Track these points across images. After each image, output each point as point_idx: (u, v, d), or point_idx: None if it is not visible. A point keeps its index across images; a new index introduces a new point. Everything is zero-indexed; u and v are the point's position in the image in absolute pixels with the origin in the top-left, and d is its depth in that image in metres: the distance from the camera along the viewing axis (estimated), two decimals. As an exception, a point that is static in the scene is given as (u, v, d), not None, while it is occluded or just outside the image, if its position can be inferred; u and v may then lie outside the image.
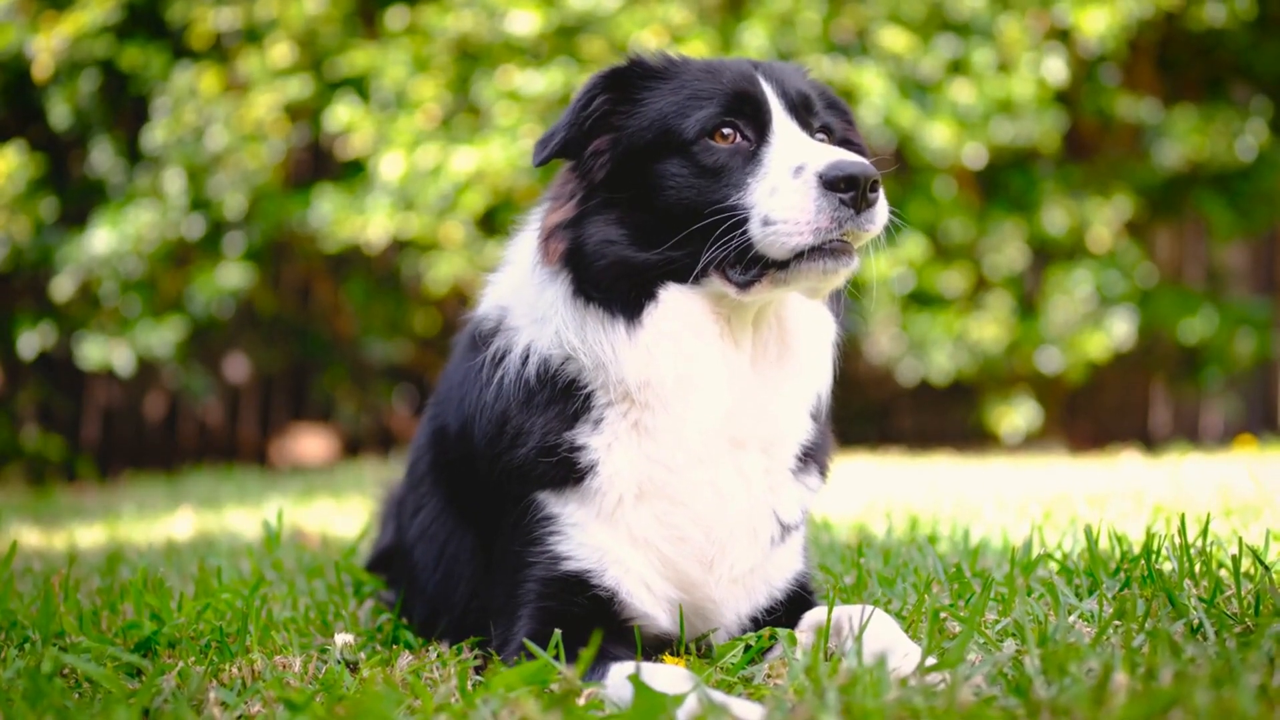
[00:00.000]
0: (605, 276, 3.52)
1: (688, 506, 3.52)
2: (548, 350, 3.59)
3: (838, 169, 3.31)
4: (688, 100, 3.57)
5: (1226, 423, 14.68)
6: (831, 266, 3.38)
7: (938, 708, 2.59)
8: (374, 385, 15.10)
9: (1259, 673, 2.73)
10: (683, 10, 11.71)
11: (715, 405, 3.51)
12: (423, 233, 11.90)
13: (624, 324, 3.50)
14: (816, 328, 3.70)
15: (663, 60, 3.69)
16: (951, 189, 12.50)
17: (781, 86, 3.61)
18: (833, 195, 3.31)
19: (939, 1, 11.85)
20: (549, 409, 3.61)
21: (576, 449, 3.55)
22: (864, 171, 3.30)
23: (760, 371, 3.58)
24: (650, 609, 3.53)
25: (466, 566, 3.91)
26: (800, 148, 3.46)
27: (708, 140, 3.53)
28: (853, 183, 3.30)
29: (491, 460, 3.71)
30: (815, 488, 3.79)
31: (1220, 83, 13.60)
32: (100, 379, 14.61)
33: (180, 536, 7.45)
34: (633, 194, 3.56)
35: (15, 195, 12.75)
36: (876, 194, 3.35)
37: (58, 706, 2.83)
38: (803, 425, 3.67)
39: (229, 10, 12.29)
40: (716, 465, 3.54)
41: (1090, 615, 3.54)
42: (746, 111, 3.54)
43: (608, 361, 3.50)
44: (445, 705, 2.98)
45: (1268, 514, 5.71)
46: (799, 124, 3.56)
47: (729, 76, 3.60)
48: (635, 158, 3.58)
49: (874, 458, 11.63)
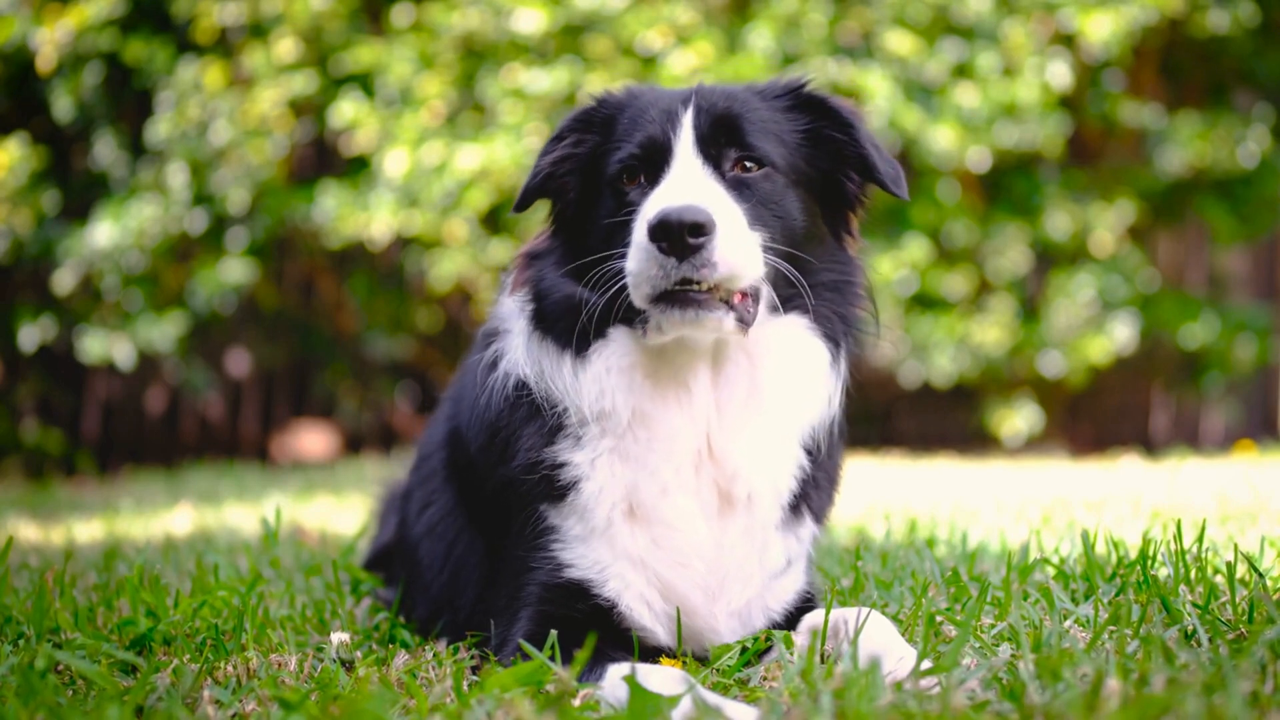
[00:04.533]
0: (556, 312, 3.53)
1: (684, 533, 3.49)
2: (522, 371, 3.60)
3: (653, 218, 3.20)
4: (617, 139, 3.54)
5: (1227, 428, 14.68)
6: (677, 317, 3.27)
7: (931, 712, 2.59)
8: (376, 382, 15.11)
9: (1251, 680, 2.73)
10: (689, 10, 11.71)
11: (682, 444, 3.46)
12: (426, 230, 11.90)
13: (571, 360, 3.49)
14: (798, 360, 3.54)
15: (624, 96, 3.66)
16: (955, 192, 12.50)
17: (708, 118, 3.47)
18: (655, 245, 3.20)
19: (944, 5, 11.84)
20: (530, 424, 3.60)
21: (558, 465, 3.54)
22: (678, 219, 3.16)
23: (727, 414, 3.49)
24: (649, 624, 3.52)
25: (475, 570, 3.90)
26: (667, 193, 3.32)
27: (621, 183, 3.50)
28: (664, 231, 3.18)
29: (486, 469, 3.72)
30: (807, 538, 3.70)
31: (1223, 89, 13.60)
32: (101, 373, 14.62)
33: (179, 532, 7.45)
34: (584, 232, 3.57)
35: (17, 188, 12.77)
36: (702, 238, 3.18)
37: (50, 703, 2.82)
38: (787, 470, 3.57)
39: (234, 5, 12.30)
40: (700, 497, 3.50)
41: (1085, 620, 3.53)
42: (650, 153, 3.46)
43: (562, 394, 3.51)
44: (440, 705, 2.98)
45: (1264, 520, 5.71)
46: (706, 160, 3.42)
47: (653, 114, 3.51)
48: (586, 196, 3.61)
49: (875, 460, 11.63)
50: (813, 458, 3.64)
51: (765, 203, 3.43)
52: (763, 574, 3.59)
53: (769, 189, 3.46)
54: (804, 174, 3.57)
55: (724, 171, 3.44)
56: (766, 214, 3.42)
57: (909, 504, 7.37)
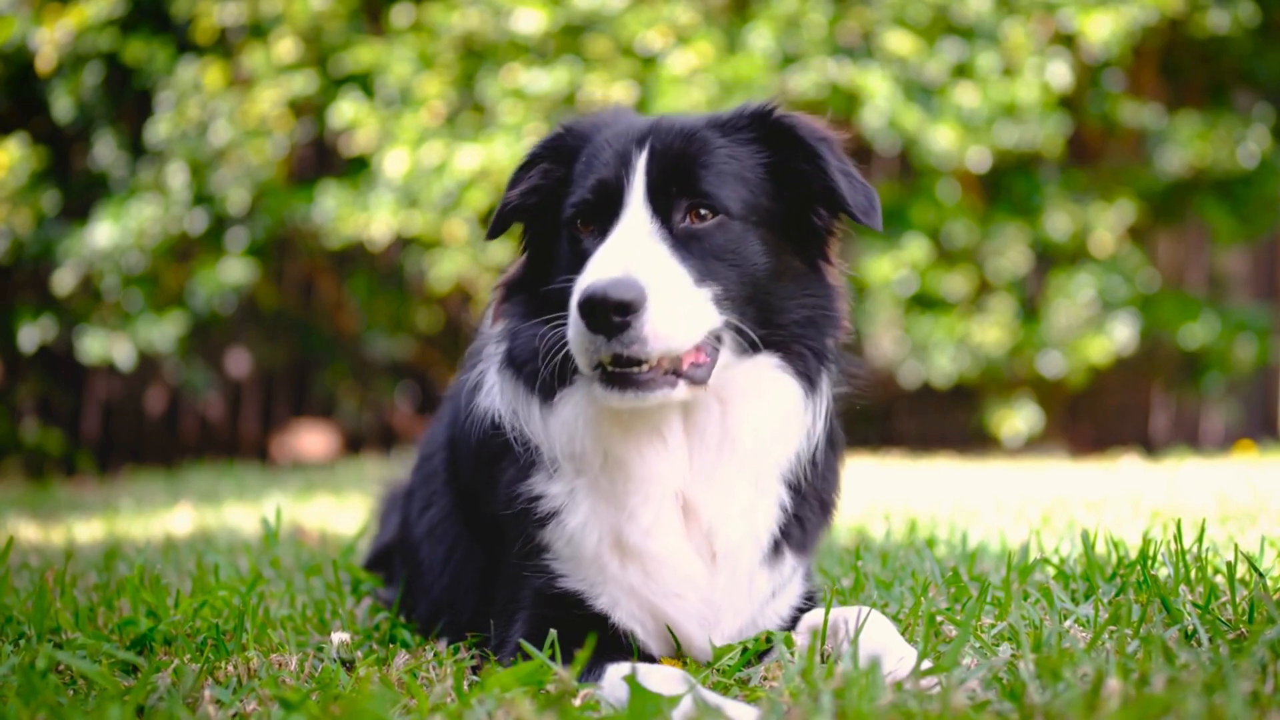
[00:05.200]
0: (523, 356, 3.46)
1: (674, 568, 3.44)
2: (496, 409, 3.56)
3: (581, 294, 3.08)
4: (576, 178, 3.45)
5: (1227, 428, 14.67)
6: (616, 398, 3.19)
7: (931, 712, 2.59)
8: (376, 382, 15.11)
9: (1251, 680, 2.74)
10: (689, 10, 11.71)
11: (660, 488, 3.39)
12: (426, 230, 11.90)
13: (539, 406, 3.43)
14: (770, 401, 3.41)
15: (588, 127, 3.55)
16: (955, 192, 12.50)
17: (662, 162, 3.34)
18: (584, 321, 3.10)
19: (944, 5, 11.84)
20: (505, 458, 3.57)
21: (535, 498, 3.51)
22: (602, 297, 3.05)
23: (701, 462, 3.41)
24: (643, 639, 3.50)
25: (475, 574, 3.89)
26: (602, 261, 3.18)
27: (576, 228, 3.40)
28: (589, 309, 3.07)
29: (477, 490, 3.74)
30: (788, 574, 3.61)
31: (1223, 89, 13.60)
32: (101, 373, 14.61)
33: (179, 532, 7.45)
34: (547, 272, 3.49)
35: (17, 188, 12.77)
36: (629, 315, 3.05)
37: (51, 703, 2.82)
38: (766, 515, 3.50)
39: (234, 5, 12.29)
40: (689, 537, 3.44)
41: (1085, 620, 3.53)
42: (603, 199, 3.35)
43: (532, 436, 3.46)
44: (440, 705, 2.98)
45: (1264, 520, 5.71)
46: (655, 213, 3.29)
47: (608, 156, 3.38)
48: (550, 231, 3.53)
49: (875, 460, 11.63)
50: (798, 490, 3.56)
51: (719, 254, 3.29)
52: (752, 606, 3.55)
53: (722, 240, 3.31)
54: (768, 212, 3.42)
55: (673, 225, 3.29)
56: (720, 265, 3.28)
57: (909, 504, 7.37)
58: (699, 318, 3.22)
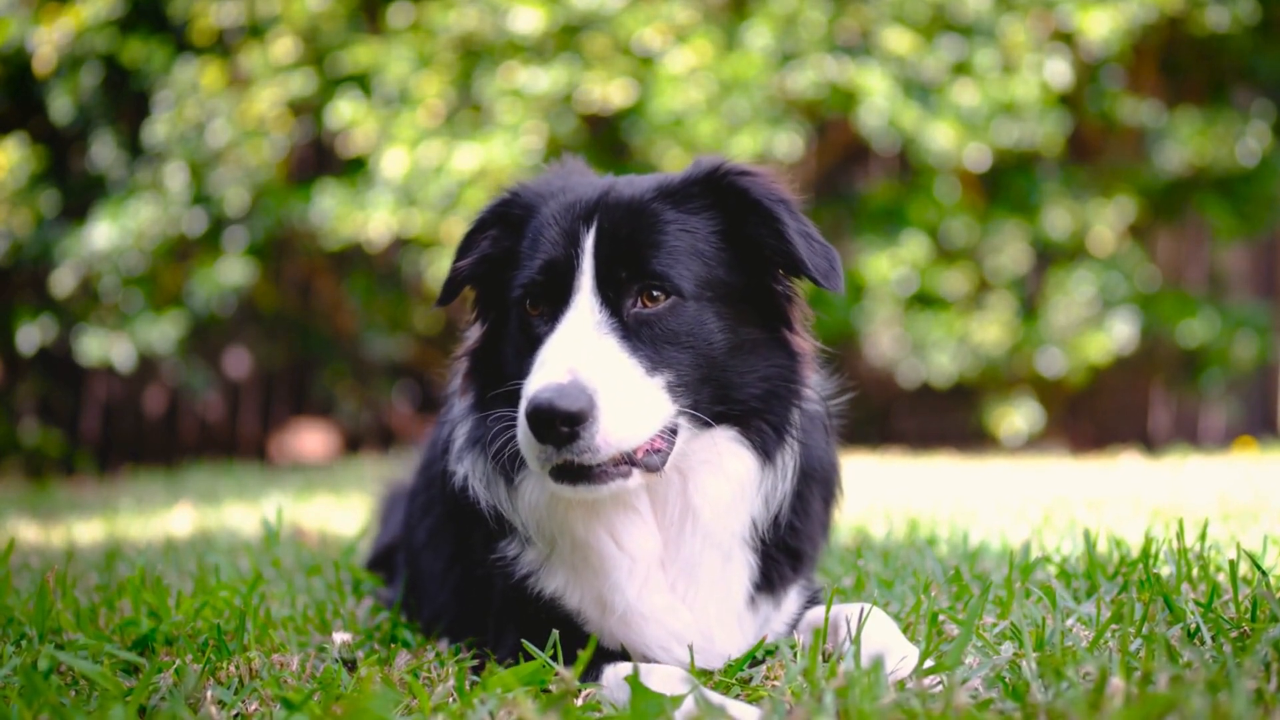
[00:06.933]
0: (485, 436, 3.38)
1: (664, 623, 3.39)
2: (462, 479, 3.51)
3: (528, 405, 3.00)
4: (524, 253, 3.35)
5: (1227, 425, 14.68)
6: (569, 492, 3.12)
7: (934, 711, 2.58)
8: (375, 382, 15.10)
9: (1255, 678, 2.73)
10: (686, 9, 11.71)
11: (640, 558, 3.35)
12: (425, 230, 11.89)
13: (505, 485, 3.38)
14: (726, 473, 3.33)
15: (534, 195, 3.46)
16: (954, 190, 12.50)
17: (610, 244, 3.22)
18: (532, 432, 3.02)
19: (943, 3, 11.84)
20: (477, 526, 3.55)
21: (511, 560, 3.49)
22: (549, 410, 2.96)
23: (668, 533, 3.37)
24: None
25: (474, 590, 3.88)
26: (549, 365, 3.08)
27: (525, 308, 3.30)
28: (537, 421, 2.99)
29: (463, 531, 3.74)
30: (773, 613, 3.55)
31: (1222, 87, 13.60)
32: (100, 374, 14.61)
33: (179, 533, 7.44)
34: (499, 349, 3.45)
35: (16, 189, 12.78)
36: (576, 427, 2.98)
37: (53, 704, 2.82)
38: (736, 577, 3.44)
39: (232, 5, 12.30)
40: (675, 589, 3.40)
41: (1088, 619, 3.53)
42: (551, 280, 3.25)
43: (503, 511, 3.42)
44: (442, 705, 2.98)
45: (1266, 518, 5.71)
46: (605, 302, 3.19)
47: (555, 233, 3.28)
48: (500, 304, 3.47)
49: (875, 459, 11.63)
50: (765, 553, 3.49)
51: (672, 339, 3.18)
52: (745, 638, 3.51)
53: (675, 323, 3.19)
54: (724, 284, 3.29)
55: (624, 312, 3.18)
56: (674, 350, 3.18)
57: (909, 503, 7.37)
58: (652, 413, 3.13)
